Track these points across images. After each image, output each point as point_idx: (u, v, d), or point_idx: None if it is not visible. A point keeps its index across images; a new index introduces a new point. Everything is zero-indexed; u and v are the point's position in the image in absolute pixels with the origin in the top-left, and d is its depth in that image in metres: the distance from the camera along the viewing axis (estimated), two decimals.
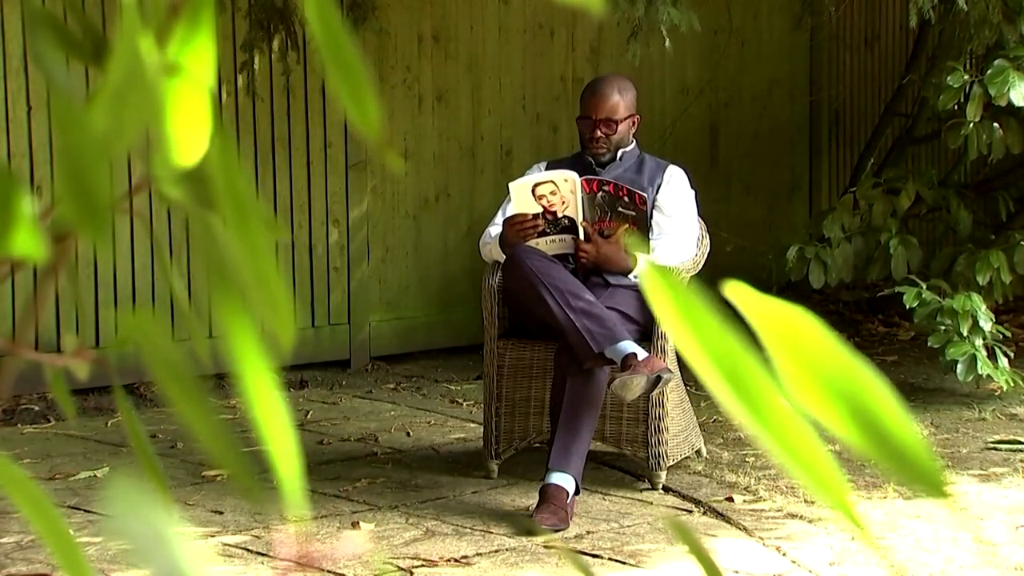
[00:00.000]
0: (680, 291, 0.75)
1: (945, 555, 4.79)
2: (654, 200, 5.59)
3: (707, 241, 5.81)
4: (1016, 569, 4.70)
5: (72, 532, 0.88)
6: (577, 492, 5.21)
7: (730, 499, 5.39)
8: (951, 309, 6.61)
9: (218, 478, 5.57)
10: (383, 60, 7.60)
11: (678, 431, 5.61)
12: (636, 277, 5.51)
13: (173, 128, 0.81)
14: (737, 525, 5.12)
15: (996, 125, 7.23)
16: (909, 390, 7.08)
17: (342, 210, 7.59)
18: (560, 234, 5.48)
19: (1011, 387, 6.59)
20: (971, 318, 6.60)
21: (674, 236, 5.58)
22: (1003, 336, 6.74)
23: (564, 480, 5.17)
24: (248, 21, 6.82)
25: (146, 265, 7.03)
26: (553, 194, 5.43)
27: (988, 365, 6.53)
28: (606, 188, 5.48)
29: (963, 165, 8.16)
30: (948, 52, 7.48)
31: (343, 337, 7.63)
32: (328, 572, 4.57)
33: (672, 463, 5.59)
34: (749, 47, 8.92)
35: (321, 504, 5.27)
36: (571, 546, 4.88)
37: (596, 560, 4.74)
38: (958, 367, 6.53)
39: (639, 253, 5.50)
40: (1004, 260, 7.22)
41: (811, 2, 7.69)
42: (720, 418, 6.47)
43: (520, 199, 5.44)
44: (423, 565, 4.66)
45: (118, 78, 0.80)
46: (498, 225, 5.60)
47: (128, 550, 0.77)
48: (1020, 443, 6.15)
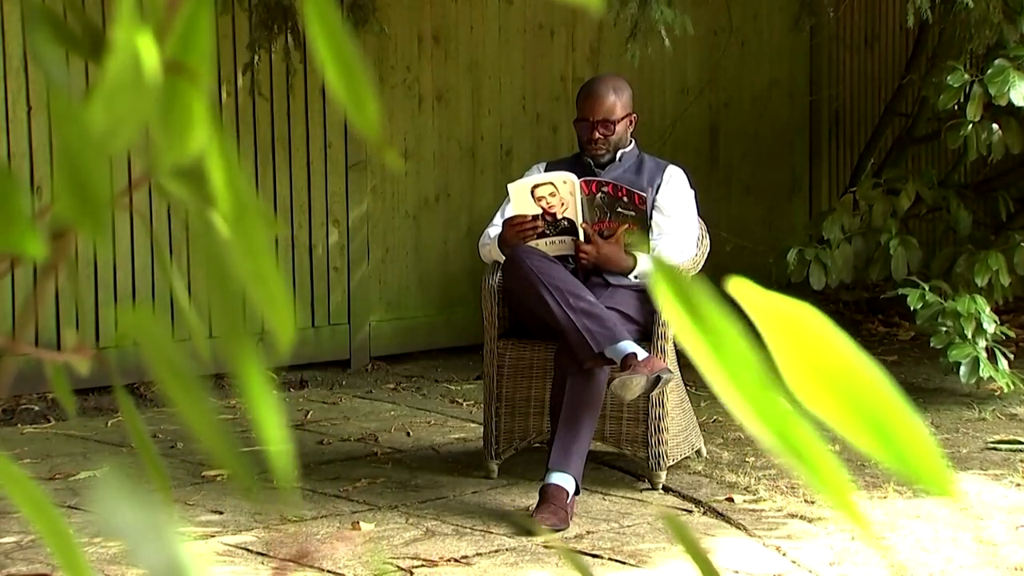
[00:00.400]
0: (686, 287, 0.75)
1: (945, 555, 4.78)
2: (654, 200, 5.59)
3: (707, 241, 5.80)
4: (1016, 569, 4.70)
5: (72, 532, 0.87)
6: (577, 492, 5.21)
7: (730, 499, 5.39)
8: (954, 311, 6.61)
9: (218, 478, 5.57)
10: (383, 60, 7.60)
11: (678, 431, 5.61)
12: (636, 277, 5.51)
13: (171, 126, 0.81)
14: (737, 525, 5.12)
15: (995, 126, 7.22)
16: (909, 390, 7.07)
17: (342, 210, 7.59)
18: (560, 235, 5.47)
19: (1012, 389, 6.60)
20: (975, 321, 6.60)
21: (674, 236, 5.57)
22: (1005, 337, 6.74)
23: (564, 480, 5.16)
24: (250, 22, 6.82)
25: (146, 265, 7.03)
26: (552, 196, 5.43)
27: (990, 368, 6.53)
28: (605, 189, 5.47)
29: (963, 165, 8.15)
30: (948, 52, 7.47)
31: (343, 337, 7.63)
32: (328, 572, 4.56)
33: (672, 463, 5.58)
34: (749, 47, 8.92)
35: (321, 504, 5.27)
36: (571, 546, 4.87)
37: (596, 560, 4.74)
38: (961, 369, 6.53)
39: (642, 252, 5.50)
40: (1003, 262, 7.21)
41: (810, 2, 7.69)
42: (720, 418, 6.46)
43: (519, 201, 5.44)
44: (423, 565, 4.66)
45: (117, 75, 0.79)
46: (497, 226, 5.60)
47: (125, 549, 0.77)
48: (1020, 443, 6.15)
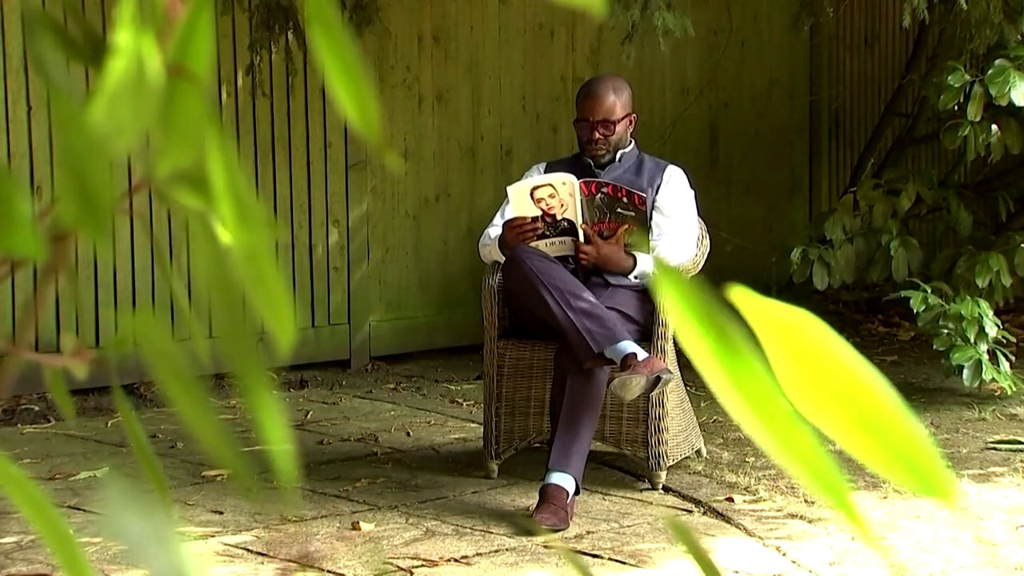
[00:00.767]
0: (687, 289, 0.75)
1: (945, 555, 4.78)
2: (653, 200, 5.58)
3: (707, 241, 5.80)
4: (1016, 569, 4.70)
5: (72, 532, 0.88)
6: (577, 492, 5.21)
7: (730, 499, 5.39)
8: (956, 314, 6.61)
9: (218, 478, 5.57)
10: (383, 60, 7.60)
11: (678, 431, 5.61)
12: (636, 277, 5.51)
13: (172, 129, 0.81)
14: (737, 525, 5.12)
15: (995, 127, 7.22)
16: (909, 390, 7.07)
17: (342, 210, 7.59)
18: (560, 236, 5.47)
19: (1014, 391, 6.60)
20: (977, 324, 6.59)
21: (674, 236, 5.57)
22: (1007, 340, 6.74)
23: (564, 480, 5.16)
24: (250, 22, 6.82)
25: (146, 265, 7.03)
26: (552, 197, 5.42)
27: (992, 370, 6.53)
28: (605, 190, 5.47)
29: (963, 165, 8.15)
30: (949, 52, 7.47)
31: (343, 337, 7.63)
32: (328, 572, 4.57)
33: (672, 463, 5.58)
34: (749, 47, 8.92)
35: (321, 504, 5.27)
36: (571, 546, 4.87)
37: (596, 560, 4.74)
38: (964, 372, 6.53)
39: (644, 253, 5.50)
40: (1004, 263, 7.21)
41: (810, 2, 7.69)
42: (720, 418, 6.46)
43: (519, 203, 5.43)
44: (423, 565, 4.66)
45: (118, 79, 0.80)
46: (497, 227, 5.60)
47: (125, 550, 0.77)
48: (1020, 443, 6.15)
